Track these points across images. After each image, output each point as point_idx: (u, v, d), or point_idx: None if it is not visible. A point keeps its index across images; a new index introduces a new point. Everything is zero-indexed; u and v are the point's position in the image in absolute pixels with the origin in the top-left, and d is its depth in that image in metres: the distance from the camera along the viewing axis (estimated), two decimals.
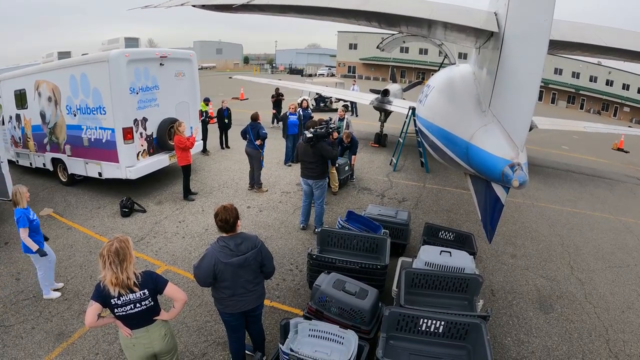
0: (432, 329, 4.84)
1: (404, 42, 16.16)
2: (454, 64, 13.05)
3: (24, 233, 6.31)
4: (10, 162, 10.85)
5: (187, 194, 11.18)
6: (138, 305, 3.84)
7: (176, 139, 10.47)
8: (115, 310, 3.81)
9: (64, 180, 12.21)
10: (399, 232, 8.16)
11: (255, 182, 11.95)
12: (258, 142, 11.51)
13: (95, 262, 7.76)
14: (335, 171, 11.66)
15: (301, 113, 14.84)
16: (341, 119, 14.14)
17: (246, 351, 5.19)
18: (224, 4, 4.86)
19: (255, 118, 11.82)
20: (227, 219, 4.39)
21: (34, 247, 6.40)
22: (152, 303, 3.94)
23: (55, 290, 6.96)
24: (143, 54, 10.95)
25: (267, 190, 11.97)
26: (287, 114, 14.48)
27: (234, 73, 60.36)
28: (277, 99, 22.18)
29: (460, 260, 6.28)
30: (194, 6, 4.72)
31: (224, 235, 4.47)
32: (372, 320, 5.20)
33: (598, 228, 10.88)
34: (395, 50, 19.58)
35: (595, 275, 8.31)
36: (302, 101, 16.63)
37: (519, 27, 4.33)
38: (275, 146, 15.91)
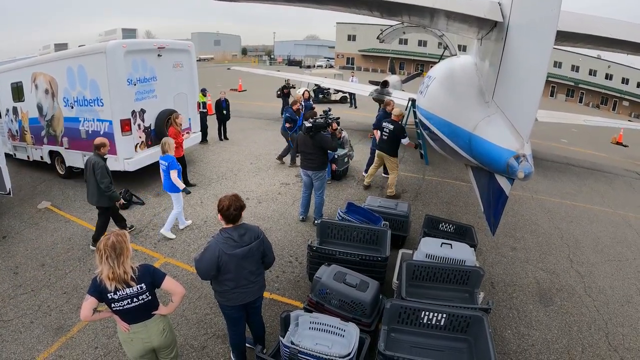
0: (433, 322, 4.82)
1: (404, 32, 16.12)
2: (455, 55, 12.99)
3: (174, 174, 8.19)
4: (7, 155, 10.77)
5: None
6: (135, 299, 3.79)
7: (171, 131, 10.42)
8: (112, 305, 3.76)
9: (61, 173, 12.14)
10: (399, 224, 8.13)
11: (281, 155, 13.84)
12: (288, 125, 13.01)
13: (94, 256, 7.75)
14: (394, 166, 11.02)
15: (302, 104, 14.77)
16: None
17: (246, 344, 5.16)
18: None
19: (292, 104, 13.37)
20: (237, 208, 4.35)
21: (182, 186, 8.36)
22: (150, 297, 3.90)
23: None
24: (141, 44, 10.87)
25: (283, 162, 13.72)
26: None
27: (232, 64, 60.20)
28: (286, 91, 22.20)
29: (461, 252, 6.25)
30: None
31: (227, 226, 4.42)
32: (373, 313, 5.18)
33: (597, 221, 10.88)
34: (394, 41, 19.52)
35: (595, 268, 8.31)
36: (303, 92, 16.54)
37: (525, 17, 4.27)
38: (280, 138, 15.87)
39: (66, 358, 5.33)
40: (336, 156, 11.77)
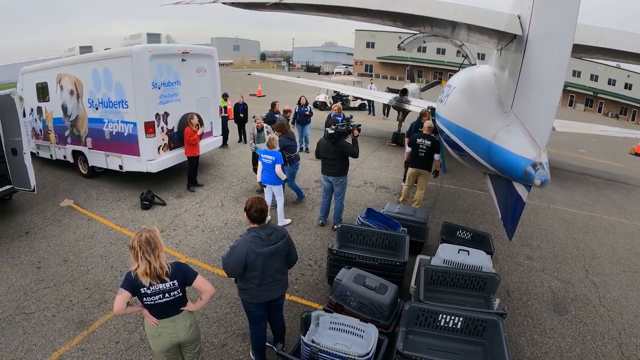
0: (450, 325, 4.91)
1: (424, 42, 16.20)
2: (474, 64, 13.03)
3: (279, 168, 8.98)
4: (30, 154, 11.05)
5: (190, 184, 11.48)
6: (167, 295, 3.92)
7: (187, 130, 10.77)
8: (144, 299, 3.88)
9: (84, 172, 12.44)
10: (417, 230, 8.22)
11: None
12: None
13: (116, 253, 7.97)
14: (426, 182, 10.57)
15: (297, 110, 15.59)
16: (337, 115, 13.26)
17: (266, 343, 5.28)
18: (256, 2, 4.96)
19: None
20: (262, 209, 4.54)
21: (283, 177, 9.32)
22: (181, 294, 4.03)
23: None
24: (166, 49, 11.14)
25: None
26: (332, 115, 14.29)
27: (251, 69, 60.60)
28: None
29: (477, 259, 6.33)
30: (224, 3, 4.78)
31: (254, 226, 4.58)
32: (392, 315, 5.29)
33: (614, 232, 10.81)
34: (413, 49, 19.63)
35: (610, 279, 8.29)
36: (300, 98, 16.47)
37: (543, 30, 4.38)
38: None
39: (87, 351, 5.47)
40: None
